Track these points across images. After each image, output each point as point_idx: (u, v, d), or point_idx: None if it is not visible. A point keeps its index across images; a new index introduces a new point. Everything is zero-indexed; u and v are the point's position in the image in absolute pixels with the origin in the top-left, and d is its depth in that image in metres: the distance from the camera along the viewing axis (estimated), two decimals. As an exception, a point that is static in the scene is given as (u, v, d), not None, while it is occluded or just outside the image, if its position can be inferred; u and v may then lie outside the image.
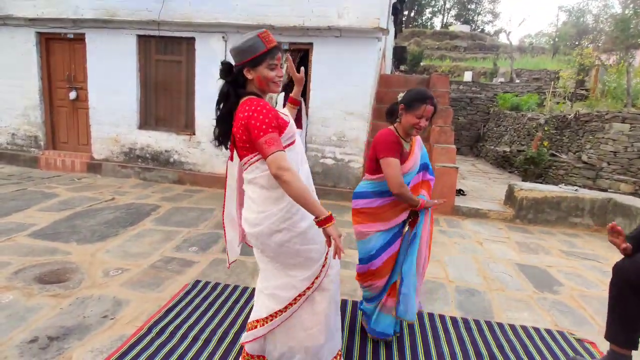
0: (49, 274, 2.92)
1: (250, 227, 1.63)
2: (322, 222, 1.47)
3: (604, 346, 2.45)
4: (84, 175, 6.34)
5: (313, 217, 1.52)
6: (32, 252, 3.26)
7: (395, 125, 2.05)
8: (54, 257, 3.21)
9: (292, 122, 1.66)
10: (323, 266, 1.68)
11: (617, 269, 1.95)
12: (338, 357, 1.85)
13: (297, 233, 1.59)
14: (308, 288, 1.67)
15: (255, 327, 1.72)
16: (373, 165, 2.06)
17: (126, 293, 2.71)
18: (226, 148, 1.70)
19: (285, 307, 1.67)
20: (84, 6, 5.98)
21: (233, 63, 1.60)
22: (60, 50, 6.47)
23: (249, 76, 1.58)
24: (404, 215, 2.11)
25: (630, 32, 17.72)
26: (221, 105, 1.64)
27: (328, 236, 1.48)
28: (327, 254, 1.68)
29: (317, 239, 1.62)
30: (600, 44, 19.38)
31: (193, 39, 5.89)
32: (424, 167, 2.18)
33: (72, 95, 6.44)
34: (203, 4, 5.64)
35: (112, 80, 6.17)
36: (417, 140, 2.14)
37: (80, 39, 6.24)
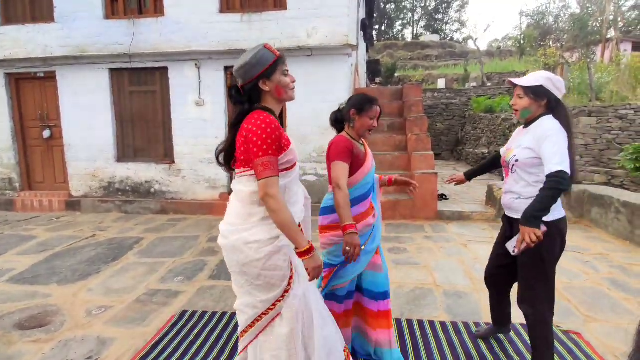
0: (29, 319, 2.82)
1: (220, 237, 1.62)
2: (302, 253, 1.49)
3: (589, 336, 2.50)
4: (63, 214, 6.20)
5: (278, 243, 1.53)
6: (11, 298, 3.16)
7: (346, 131, 2.08)
8: (34, 301, 3.11)
9: (293, 146, 1.60)
10: (286, 291, 1.60)
11: None
12: None
13: (257, 258, 1.53)
14: (269, 309, 1.61)
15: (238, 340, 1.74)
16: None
17: (111, 331, 2.64)
18: (230, 169, 1.66)
19: (253, 323, 1.65)
20: (53, 44, 5.98)
21: (242, 81, 1.54)
22: (31, 90, 6.42)
23: (266, 88, 1.55)
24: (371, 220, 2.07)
25: (588, 30, 18.66)
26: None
27: (306, 268, 1.51)
28: (290, 279, 1.60)
29: (281, 265, 1.56)
30: (563, 43, 20.30)
31: (166, 68, 5.94)
32: (368, 195, 2.10)
33: (46, 133, 6.36)
34: (173, 33, 5.72)
35: (87, 116, 6.13)
36: (367, 146, 2.17)
37: (51, 77, 6.21)
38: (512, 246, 1.88)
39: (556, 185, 1.67)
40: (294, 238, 1.48)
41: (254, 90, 1.55)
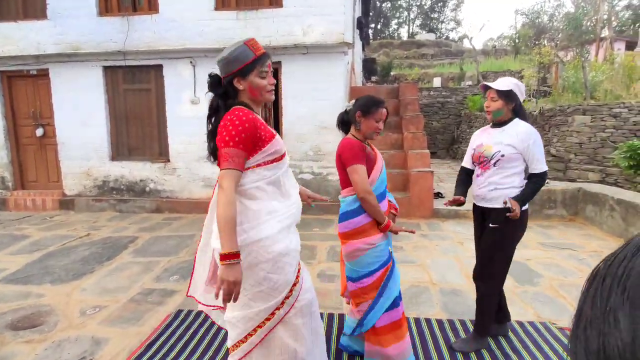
0: (22, 320, 2.79)
1: (216, 240, 1.49)
2: (224, 256, 1.31)
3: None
4: (57, 213, 6.14)
5: (288, 244, 1.49)
6: (3, 298, 3.12)
7: (352, 133, 2.05)
8: (27, 301, 3.07)
9: (278, 137, 1.57)
10: (287, 298, 1.53)
11: None
12: None
13: (266, 258, 1.45)
14: (267, 319, 1.52)
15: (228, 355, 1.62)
16: (346, 177, 1.99)
17: (105, 331, 2.62)
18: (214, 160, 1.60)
19: (245, 338, 1.53)
20: (45, 42, 5.91)
21: (221, 75, 1.52)
22: (24, 87, 6.34)
23: (240, 87, 1.50)
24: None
25: (582, 30, 18.77)
26: (212, 120, 1.56)
27: (220, 278, 1.31)
28: (293, 285, 1.55)
29: (288, 269, 1.50)
30: (557, 42, 20.41)
31: (160, 66, 5.89)
32: (385, 193, 2.10)
33: (39, 132, 6.29)
34: (168, 31, 5.67)
35: (80, 114, 6.06)
36: (375, 148, 2.16)
37: (44, 74, 6.14)
38: (506, 199, 2.11)
39: (543, 183, 2.12)
40: (224, 237, 1.33)
41: (229, 86, 1.51)
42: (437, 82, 16.93)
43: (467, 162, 2.39)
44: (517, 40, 21.83)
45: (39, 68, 6.12)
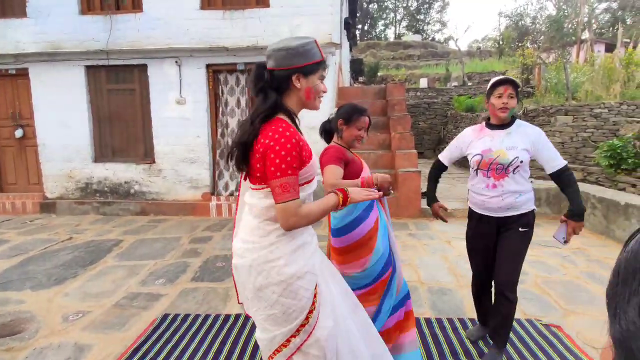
0: (1, 327, 2.69)
1: (235, 257, 1.42)
2: (344, 203, 1.37)
3: (569, 329, 2.56)
4: (37, 216, 5.97)
5: (304, 266, 1.35)
6: (-20, 305, 3.01)
7: (335, 141, 2.04)
8: (6, 307, 2.97)
9: (315, 158, 1.41)
10: (302, 326, 1.37)
11: None
12: None
13: (277, 280, 1.33)
14: (284, 345, 1.40)
15: None
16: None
17: (88, 337, 2.55)
18: (239, 169, 1.41)
19: (274, 353, 1.42)
20: (25, 40, 5.75)
21: (274, 66, 1.33)
22: (2, 87, 6.15)
23: (298, 85, 1.33)
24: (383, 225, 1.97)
25: (564, 32, 19.24)
26: (261, 119, 1.32)
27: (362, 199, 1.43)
28: (309, 313, 1.38)
29: (302, 294, 1.35)
30: (540, 44, 20.86)
31: (145, 65, 5.79)
32: (373, 203, 1.99)
33: (18, 133, 6.10)
34: (152, 29, 5.57)
35: (62, 114, 5.91)
36: (361, 159, 2.11)
37: (23, 74, 5.96)
38: (561, 237, 2.04)
39: (574, 177, 2.00)
40: (327, 209, 1.34)
41: (282, 82, 1.33)
42: (423, 82, 17.12)
43: (446, 158, 2.27)
44: (501, 42, 22.24)
45: (18, 67, 5.94)
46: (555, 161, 1.98)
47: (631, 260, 0.35)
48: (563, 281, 3.28)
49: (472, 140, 2.12)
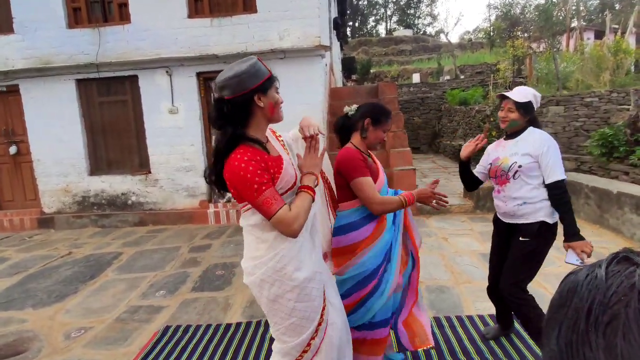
0: (4, 347, 2.72)
1: (246, 275, 1.46)
2: (306, 187, 1.41)
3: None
4: (36, 232, 5.98)
5: (311, 267, 1.42)
6: (-18, 326, 3.02)
7: (354, 142, 1.92)
8: (8, 327, 2.99)
9: (286, 165, 1.44)
10: (319, 325, 1.45)
11: None
12: None
13: (291, 287, 1.38)
14: (305, 351, 1.45)
15: None
16: (347, 193, 1.84)
17: (91, 354, 2.57)
18: (223, 191, 1.47)
19: None
20: (14, 57, 5.74)
21: (232, 94, 1.35)
22: (-6, 105, 6.14)
23: (260, 104, 1.37)
24: (390, 231, 1.93)
25: (553, 21, 19.29)
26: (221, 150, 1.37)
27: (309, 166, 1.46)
28: (322, 311, 1.47)
29: (315, 294, 1.43)
30: (530, 34, 20.92)
31: (136, 76, 5.79)
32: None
33: (12, 150, 6.10)
34: (141, 40, 5.58)
35: (55, 129, 5.91)
36: (377, 161, 2.05)
37: (14, 90, 5.96)
38: (574, 260, 1.96)
39: (565, 195, 1.97)
40: (308, 203, 1.39)
41: (244, 107, 1.35)
42: (416, 77, 17.14)
43: (477, 172, 2.31)
44: (491, 33, 22.27)
45: (8, 84, 5.93)
46: (553, 172, 1.94)
47: (557, 299, 0.39)
48: (558, 273, 3.32)
49: (490, 153, 2.24)
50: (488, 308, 2.82)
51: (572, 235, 1.95)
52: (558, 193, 1.96)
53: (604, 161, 5.65)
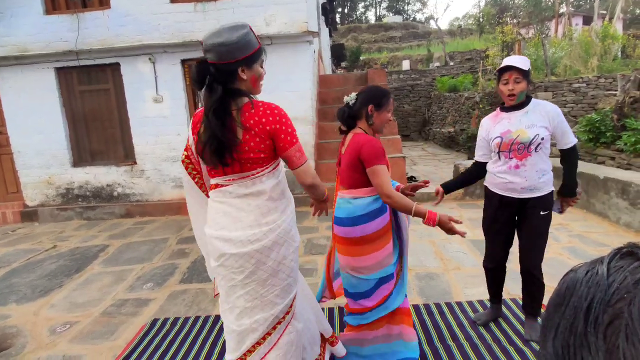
0: (-14, 345, 2.64)
1: (244, 245, 1.42)
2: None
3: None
4: (19, 225, 5.83)
5: (295, 227, 1.57)
6: (-37, 323, 2.94)
7: (362, 127, 1.89)
8: (-10, 324, 2.91)
9: None
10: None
11: None
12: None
13: (294, 247, 1.52)
14: (287, 313, 1.53)
15: None
16: (363, 178, 1.81)
17: (77, 349, 2.52)
18: (224, 165, 1.39)
19: (264, 337, 1.50)
20: (-12, 44, 5.50)
21: (218, 60, 1.34)
22: (-31, 95, 5.89)
23: (244, 76, 1.36)
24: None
25: (542, 6, 19.27)
26: (217, 113, 1.34)
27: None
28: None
29: (297, 256, 1.59)
30: (519, 20, 20.89)
31: (118, 64, 5.61)
32: None
33: (-9, 141, 5.90)
34: (122, 26, 5.38)
35: (35, 119, 5.72)
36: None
37: (-10, 79, 5.72)
38: (557, 208, 2.18)
39: (577, 156, 2.10)
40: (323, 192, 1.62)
41: (229, 75, 1.35)
42: (406, 64, 17.05)
43: (481, 156, 2.24)
44: (481, 20, 22.19)
45: (-16, 73, 5.70)
46: (568, 138, 2.02)
47: (554, 298, 0.36)
48: (546, 258, 3.33)
49: (490, 127, 2.14)
50: (477, 294, 2.84)
51: (570, 188, 2.11)
52: (574, 155, 2.07)
53: (590, 146, 5.70)
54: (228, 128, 1.34)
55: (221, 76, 1.34)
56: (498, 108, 2.17)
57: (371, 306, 1.89)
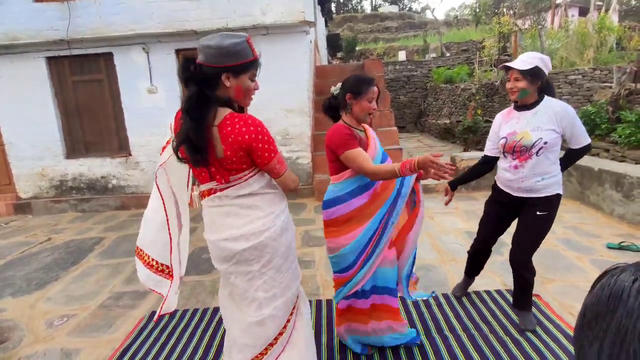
0: (-18, 338, 2.63)
1: (257, 236, 1.44)
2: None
3: (548, 297, 2.67)
4: (12, 218, 5.77)
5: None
6: (-42, 317, 2.92)
7: (343, 118, 1.91)
8: (-14, 318, 2.89)
9: None
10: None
11: None
12: None
13: (293, 232, 1.61)
14: (297, 297, 1.64)
15: None
16: (337, 166, 1.88)
17: (75, 342, 2.51)
18: (205, 166, 1.41)
19: (285, 326, 1.56)
20: (-24, 33, 5.36)
21: (207, 62, 1.33)
22: (-42, 85, 5.76)
23: (227, 83, 1.35)
24: (388, 203, 1.93)
25: (539, -3, 19.18)
26: (193, 114, 1.32)
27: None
28: None
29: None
30: (515, 11, 20.80)
31: (111, 54, 5.50)
32: (385, 159, 1.99)
33: (-18, 132, 5.79)
34: (115, 15, 5.27)
35: (26, 110, 5.61)
36: (370, 130, 2.02)
37: (-21, 69, 5.59)
38: None
39: (584, 154, 2.08)
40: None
41: (212, 79, 1.34)
42: (402, 55, 16.93)
43: (490, 150, 2.25)
44: (477, 10, 22.05)
45: (-27, 62, 5.56)
46: (580, 139, 2.00)
47: (595, 305, 0.34)
48: (540, 249, 3.36)
49: (501, 124, 2.17)
50: (473, 285, 2.87)
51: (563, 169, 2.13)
52: (582, 153, 2.06)
53: (585, 139, 5.75)
54: (202, 132, 1.31)
55: (202, 77, 1.33)
56: (512, 105, 2.17)
57: (350, 274, 1.95)
